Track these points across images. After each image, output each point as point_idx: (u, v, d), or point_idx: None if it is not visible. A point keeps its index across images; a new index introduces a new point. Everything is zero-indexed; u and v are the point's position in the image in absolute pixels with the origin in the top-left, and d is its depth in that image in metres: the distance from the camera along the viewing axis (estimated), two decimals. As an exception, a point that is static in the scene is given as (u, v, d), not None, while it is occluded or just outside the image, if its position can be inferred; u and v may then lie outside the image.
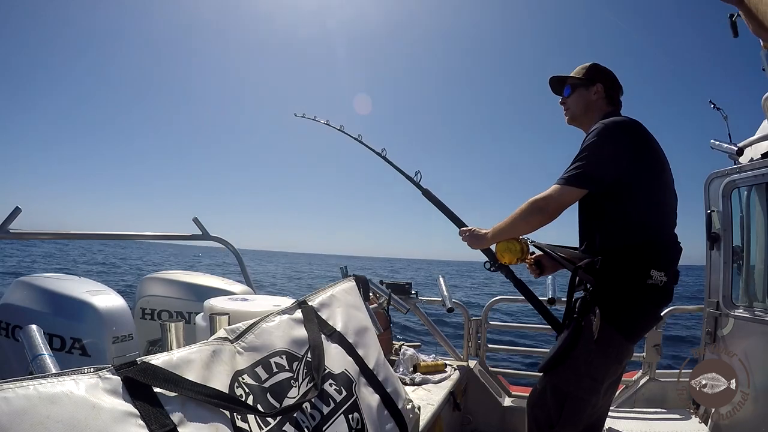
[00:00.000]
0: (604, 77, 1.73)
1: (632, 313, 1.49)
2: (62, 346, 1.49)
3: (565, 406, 1.50)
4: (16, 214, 1.89)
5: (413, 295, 2.85)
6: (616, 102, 1.75)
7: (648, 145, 1.56)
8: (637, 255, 1.47)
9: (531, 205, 1.58)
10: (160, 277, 2.17)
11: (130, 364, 0.72)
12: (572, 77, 1.77)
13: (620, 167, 1.50)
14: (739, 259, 2.35)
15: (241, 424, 0.82)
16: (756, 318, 2.10)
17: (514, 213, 1.63)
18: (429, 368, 2.45)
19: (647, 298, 1.48)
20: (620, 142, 1.52)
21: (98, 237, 2.54)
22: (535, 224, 1.62)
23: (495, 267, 1.84)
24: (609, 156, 1.51)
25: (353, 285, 1.42)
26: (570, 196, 1.54)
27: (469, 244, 1.84)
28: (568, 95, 1.78)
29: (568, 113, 1.79)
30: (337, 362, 1.12)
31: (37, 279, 1.70)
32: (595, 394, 1.54)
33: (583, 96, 1.74)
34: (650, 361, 2.64)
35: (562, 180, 1.54)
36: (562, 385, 1.52)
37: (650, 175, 1.55)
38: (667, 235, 1.57)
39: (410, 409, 1.33)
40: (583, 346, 1.47)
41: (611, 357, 1.51)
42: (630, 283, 1.46)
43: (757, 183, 2.21)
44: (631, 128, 1.56)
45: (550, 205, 1.55)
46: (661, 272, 1.46)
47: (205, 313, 1.37)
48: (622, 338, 1.50)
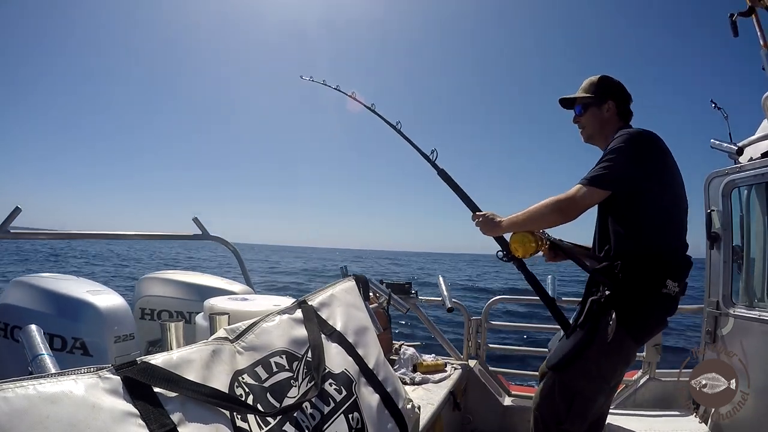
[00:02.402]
0: (614, 93, 1.73)
1: (645, 319, 1.54)
2: (63, 346, 1.49)
3: (574, 404, 1.53)
4: (16, 214, 1.89)
5: (413, 295, 2.85)
6: (628, 115, 1.76)
7: (667, 156, 1.60)
8: (656, 264, 1.50)
9: (553, 203, 1.58)
10: (159, 276, 2.17)
11: (130, 364, 0.72)
12: (582, 97, 1.76)
13: (644, 173, 1.53)
14: (739, 259, 2.35)
15: (241, 423, 0.82)
16: (756, 317, 2.10)
17: (533, 208, 1.63)
18: (429, 368, 2.45)
19: (660, 306, 1.54)
20: (644, 150, 1.55)
21: (98, 237, 2.54)
22: (553, 223, 1.63)
23: (508, 257, 1.81)
24: (634, 161, 1.53)
25: (353, 285, 1.42)
26: (593, 197, 1.56)
27: (482, 230, 1.80)
28: (580, 114, 1.78)
29: (584, 133, 1.80)
30: (337, 362, 1.12)
31: (35, 279, 1.70)
32: (603, 393, 1.58)
33: (596, 115, 1.74)
34: (650, 360, 2.64)
35: (586, 180, 1.56)
36: (573, 384, 1.55)
37: (669, 184, 1.58)
38: (682, 246, 1.61)
39: (410, 409, 1.33)
40: (597, 347, 1.49)
41: (621, 359, 1.56)
42: (647, 291, 1.50)
43: (757, 182, 2.21)
44: (654, 139, 1.60)
45: (572, 205, 1.56)
46: (675, 283, 1.51)
47: (205, 312, 1.37)
48: (633, 341, 1.55)
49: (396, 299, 2.55)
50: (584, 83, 1.78)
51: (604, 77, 1.75)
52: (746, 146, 2.26)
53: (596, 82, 1.74)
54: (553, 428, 1.58)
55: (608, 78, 1.75)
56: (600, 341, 1.48)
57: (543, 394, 1.64)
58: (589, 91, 1.75)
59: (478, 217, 1.82)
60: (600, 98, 1.72)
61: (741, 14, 2.26)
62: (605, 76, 1.76)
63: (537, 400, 1.67)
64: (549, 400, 1.60)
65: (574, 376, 1.54)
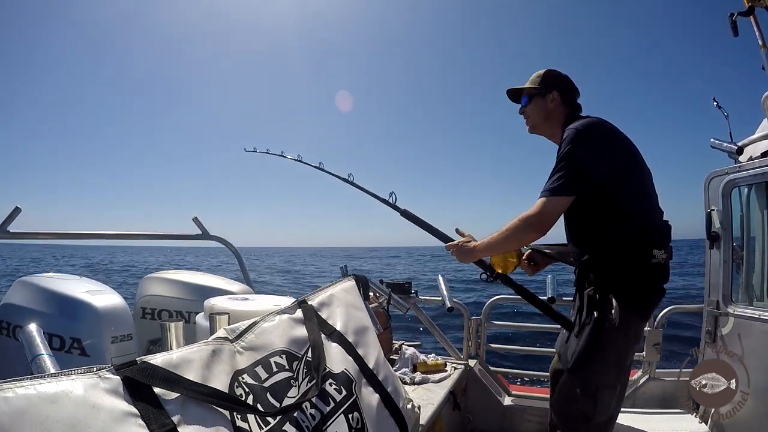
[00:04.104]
0: (559, 84, 1.77)
1: (645, 293, 1.58)
2: (62, 345, 1.49)
3: (598, 397, 1.55)
4: (16, 214, 1.89)
5: (413, 294, 2.85)
6: (574, 105, 1.79)
7: (618, 137, 1.62)
8: (639, 240, 1.55)
9: (523, 221, 1.59)
10: (161, 276, 2.17)
11: (130, 364, 0.72)
12: (528, 87, 1.81)
13: (601, 166, 1.55)
14: (739, 258, 2.35)
15: (241, 423, 0.82)
16: (756, 317, 2.10)
17: (505, 229, 1.64)
18: (429, 367, 2.45)
19: (654, 276, 1.57)
20: (595, 142, 1.57)
21: (98, 237, 2.54)
22: (528, 240, 1.67)
23: (493, 277, 1.84)
24: (587, 158, 1.55)
25: (353, 284, 1.42)
26: (559, 205, 1.57)
27: (459, 258, 1.82)
28: (526, 105, 1.83)
29: (529, 122, 1.84)
30: (337, 362, 1.12)
31: (38, 279, 1.71)
32: (621, 379, 1.61)
33: (541, 105, 1.79)
34: (650, 360, 2.65)
35: (548, 192, 1.57)
36: (593, 378, 1.56)
37: (629, 165, 1.61)
38: (658, 215, 1.65)
39: (410, 409, 1.33)
40: (607, 336, 1.52)
41: (630, 339, 1.59)
42: (637, 266, 1.54)
43: (756, 182, 2.21)
44: (600, 126, 1.62)
45: (543, 219, 1.57)
46: (661, 251, 1.55)
47: (205, 312, 1.37)
48: (639, 318, 1.58)
49: (396, 299, 2.55)
50: (532, 76, 1.83)
51: (550, 70, 1.80)
52: (746, 146, 2.26)
53: (542, 75, 1.79)
54: (582, 427, 1.59)
55: (554, 71, 1.81)
56: (609, 329, 1.51)
57: (565, 397, 1.64)
58: (535, 83, 1.80)
59: (451, 247, 1.84)
60: (544, 89, 1.77)
61: (741, 14, 2.26)
62: (552, 69, 1.81)
63: (559, 403, 1.67)
64: (572, 401, 1.60)
65: (594, 370, 1.55)
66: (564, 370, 1.68)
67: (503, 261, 1.77)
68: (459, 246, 1.81)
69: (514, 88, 1.87)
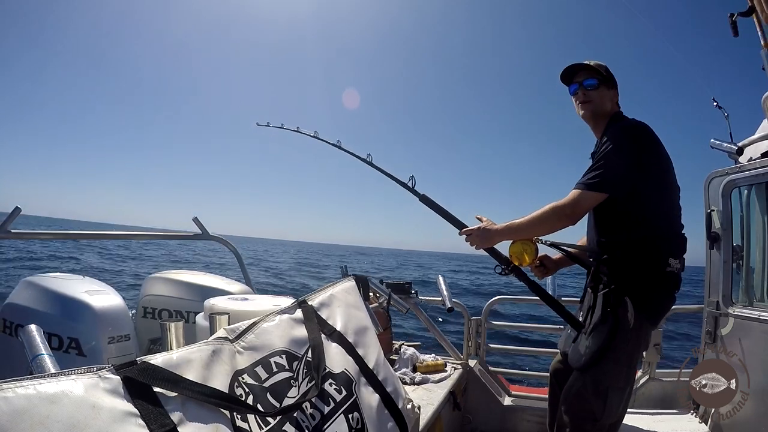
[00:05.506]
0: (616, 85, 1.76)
1: (659, 299, 1.61)
2: (60, 345, 1.50)
3: (608, 397, 1.55)
4: (16, 214, 1.89)
5: (413, 295, 2.85)
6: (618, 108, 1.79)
7: (657, 144, 1.63)
8: (657, 246, 1.57)
9: (554, 210, 1.60)
10: (163, 276, 2.18)
11: (130, 364, 0.72)
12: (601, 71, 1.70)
13: (640, 170, 1.56)
14: (739, 259, 2.34)
15: (241, 423, 0.82)
16: (756, 317, 2.10)
17: (534, 216, 1.63)
18: (429, 368, 2.45)
19: (668, 284, 1.60)
20: (637, 146, 1.58)
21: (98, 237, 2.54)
22: (558, 227, 1.66)
23: (509, 270, 1.78)
24: (627, 161, 1.55)
25: (353, 284, 1.42)
26: (592, 200, 1.59)
27: (478, 243, 1.75)
28: (595, 87, 1.70)
29: (590, 106, 1.71)
30: (337, 362, 1.12)
31: (41, 279, 1.71)
32: (630, 381, 1.61)
33: (607, 95, 1.72)
34: (650, 360, 2.65)
35: (583, 185, 1.58)
36: (604, 379, 1.56)
37: (661, 173, 1.63)
38: (677, 225, 1.67)
39: (410, 409, 1.33)
40: (621, 337, 1.53)
41: (641, 343, 1.60)
42: (652, 272, 1.57)
43: (757, 182, 2.21)
44: (645, 131, 1.62)
45: (575, 210, 1.59)
46: (676, 260, 1.58)
47: (205, 312, 1.37)
48: (650, 324, 1.60)
49: (396, 299, 2.55)
50: (594, 62, 1.73)
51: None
52: (746, 146, 2.26)
53: (607, 68, 1.73)
54: (590, 427, 1.59)
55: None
56: (623, 330, 1.52)
57: (573, 396, 1.63)
58: (603, 71, 1.71)
59: (469, 231, 1.76)
60: (613, 82, 1.74)
61: (741, 14, 2.26)
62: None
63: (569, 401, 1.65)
64: (581, 400, 1.59)
65: (606, 370, 1.55)
66: (567, 370, 1.67)
67: (523, 251, 1.72)
68: (482, 228, 1.74)
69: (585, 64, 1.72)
